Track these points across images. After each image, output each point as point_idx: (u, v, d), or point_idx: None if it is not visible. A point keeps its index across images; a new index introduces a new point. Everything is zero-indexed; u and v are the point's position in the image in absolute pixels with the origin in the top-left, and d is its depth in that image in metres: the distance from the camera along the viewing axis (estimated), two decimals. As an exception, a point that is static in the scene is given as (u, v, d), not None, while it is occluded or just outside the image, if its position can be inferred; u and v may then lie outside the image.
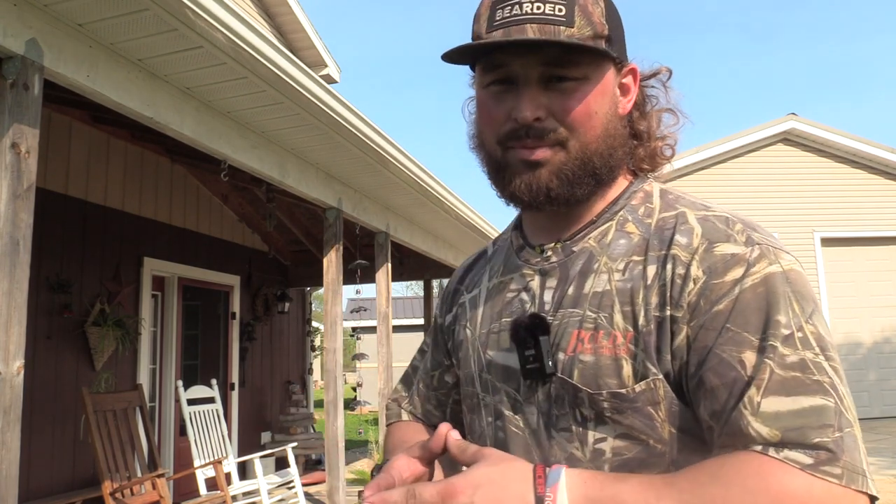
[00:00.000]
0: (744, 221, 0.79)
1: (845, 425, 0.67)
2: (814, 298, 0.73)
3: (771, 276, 0.73)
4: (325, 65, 9.14)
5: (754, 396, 0.68)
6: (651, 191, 0.87)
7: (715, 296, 0.73)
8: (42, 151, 2.58)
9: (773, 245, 0.76)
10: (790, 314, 0.71)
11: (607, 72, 0.82)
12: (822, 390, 0.67)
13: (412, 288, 34.83)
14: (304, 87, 3.55)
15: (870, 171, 11.11)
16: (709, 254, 0.75)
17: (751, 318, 0.71)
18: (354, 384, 16.95)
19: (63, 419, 5.19)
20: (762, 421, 0.67)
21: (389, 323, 5.81)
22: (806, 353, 0.69)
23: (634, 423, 0.75)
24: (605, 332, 0.78)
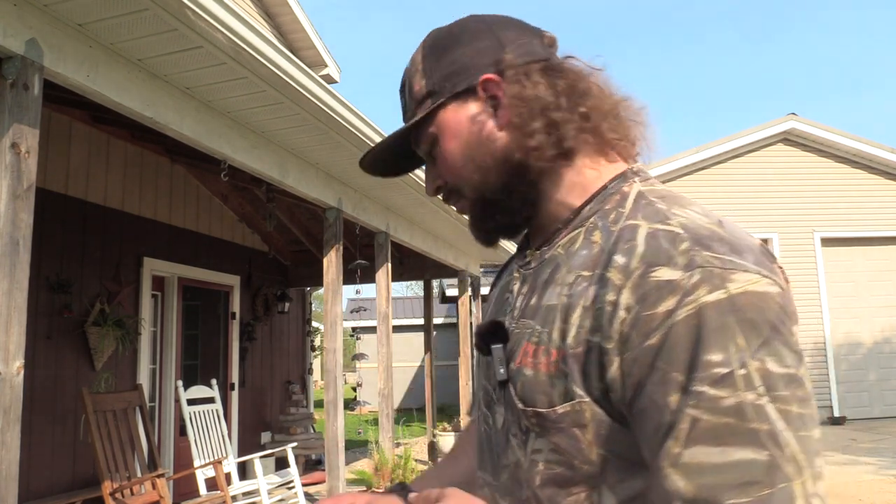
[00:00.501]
0: (697, 237, 0.68)
1: (780, 480, 0.59)
2: (772, 326, 0.63)
3: (708, 305, 0.63)
4: (325, 65, 9.15)
5: (672, 447, 0.62)
6: (628, 192, 0.79)
7: (647, 329, 0.66)
8: (42, 151, 2.60)
9: (723, 266, 0.65)
10: (730, 349, 0.62)
11: (444, 116, 0.86)
12: (755, 441, 0.60)
13: (412, 288, 34.84)
14: (304, 87, 3.55)
15: (870, 171, 11.12)
16: (644, 280, 0.67)
17: (680, 356, 0.63)
18: (354, 384, 16.96)
19: (63, 419, 5.19)
20: (683, 474, 0.61)
21: (389, 323, 5.80)
22: (746, 394, 0.61)
23: (560, 442, 0.73)
24: (544, 349, 0.75)
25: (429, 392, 9.41)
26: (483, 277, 11.79)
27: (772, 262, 0.69)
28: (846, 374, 10.69)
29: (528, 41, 0.85)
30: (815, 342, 10.64)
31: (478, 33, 0.86)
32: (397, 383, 18.94)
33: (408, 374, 19.48)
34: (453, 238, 7.77)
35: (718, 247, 0.67)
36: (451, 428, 8.99)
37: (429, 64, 0.87)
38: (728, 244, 0.68)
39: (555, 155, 0.81)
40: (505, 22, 0.88)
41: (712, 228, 0.70)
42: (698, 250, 0.67)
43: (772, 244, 10.79)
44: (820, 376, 10.57)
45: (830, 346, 10.66)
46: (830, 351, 10.65)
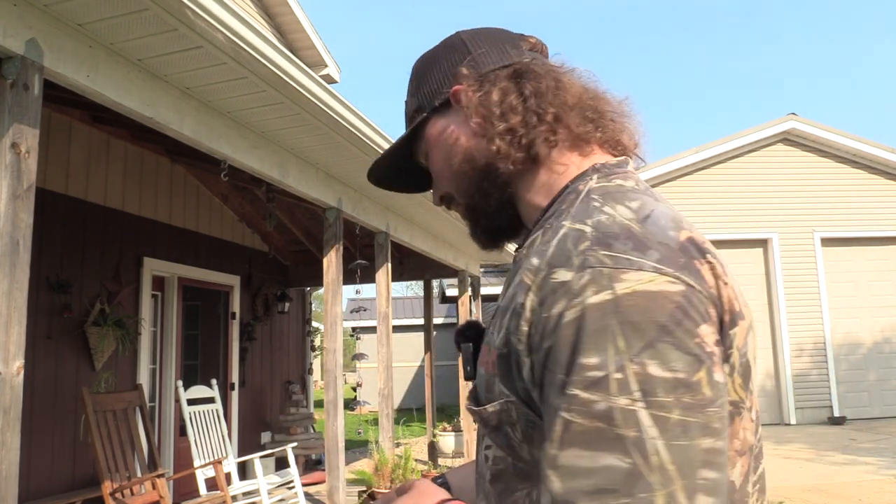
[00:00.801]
0: (602, 235, 0.68)
1: (641, 490, 0.58)
2: (661, 327, 0.61)
3: (591, 307, 0.62)
4: (325, 65, 9.15)
5: (549, 448, 0.63)
6: (582, 190, 0.78)
7: (544, 331, 0.66)
8: (42, 151, 2.60)
9: (617, 265, 0.64)
10: (609, 352, 0.61)
11: (428, 130, 0.92)
12: (620, 448, 0.58)
13: (412, 288, 34.85)
14: (304, 87, 3.55)
15: (870, 171, 11.12)
16: (545, 282, 0.67)
17: (562, 359, 0.63)
18: (354, 384, 16.96)
19: (63, 419, 5.19)
20: (560, 475, 0.61)
21: (389, 323, 5.81)
22: (619, 399, 0.59)
23: (496, 440, 0.75)
24: (489, 349, 0.76)
25: (429, 392, 9.41)
26: (483, 277, 11.79)
27: (691, 258, 0.67)
28: (846, 374, 10.69)
29: (499, 48, 0.89)
30: (815, 342, 10.64)
31: (454, 49, 0.91)
32: (397, 383, 18.94)
33: (408, 374, 19.48)
34: (453, 238, 7.77)
35: (620, 245, 0.66)
36: (451, 428, 8.98)
37: (415, 83, 0.95)
38: (635, 241, 0.66)
39: (523, 158, 0.83)
40: (482, 33, 0.92)
41: (627, 225, 0.68)
42: (595, 250, 0.66)
43: (772, 244, 10.79)
44: (820, 376, 10.58)
45: (830, 346, 10.66)
46: (830, 351, 10.65)
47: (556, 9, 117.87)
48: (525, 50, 0.89)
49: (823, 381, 10.56)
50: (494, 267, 12.57)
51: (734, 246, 10.81)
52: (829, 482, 6.02)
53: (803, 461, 7.10)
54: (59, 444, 5.14)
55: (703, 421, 0.60)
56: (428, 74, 0.92)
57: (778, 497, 5.46)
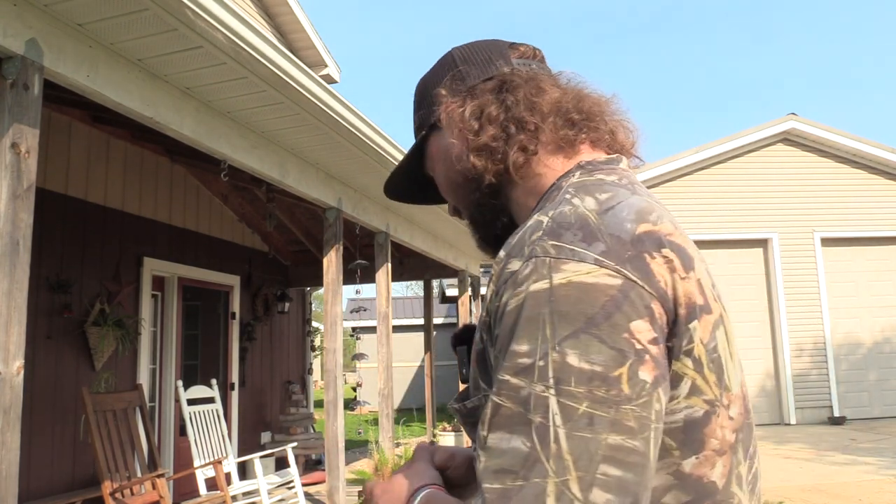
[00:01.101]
0: (555, 226, 0.68)
1: (536, 475, 0.59)
2: (589, 318, 0.61)
3: (529, 295, 0.64)
4: (325, 65, 9.15)
5: (481, 430, 0.65)
6: (563, 186, 0.78)
7: (495, 319, 0.68)
8: (42, 151, 2.60)
9: (559, 255, 0.65)
10: (537, 340, 0.62)
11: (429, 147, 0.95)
12: (526, 432, 0.60)
13: (412, 288, 34.85)
14: (304, 87, 3.55)
15: (870, 171, 11.12)
16: (501, 272, 0.69)
17: (503, 345, 0.65)
18: (354, 384, 16.96)
19: (63, 419, 5.19)
20: (486, 456, 0.63)
21: (389, 323, 5.80)
22: (536, 386, 0.61)
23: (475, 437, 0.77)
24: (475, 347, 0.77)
25: (429, 392, 9.41)
26: (483, 277, 11.79)
27: (640, 252, 0.66)
28: (846, 374, 10.69)
29: (485, 60, 0.90)
30: (815, 342, 10.64)
31: (445, 66, 0.93)
32: (397, 383, 18.93)
33: (408, 374, 19.47)
34: (453, 238, 7.76)
35: (569, 235, 0.66)
36: (451, 428, 8.99)
37: (416, 102, 0.98)
38: (585, 232, 0.66)
39: (503, 169, 0.83)
40: (473, 48, 0.93)
41: (584, 216, 0.68)
42: (544, 240, 0.67)
43: (772, 244, 10.79)
44: (820, 376, 10.57)
45: (830, 346, 10.66)
46: (830, 351, 10.65)
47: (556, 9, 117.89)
48: (513, 59, 0.89)
49: (823, 381, 10.56)
50: (494, 267, 12.56)
51: (734, 246, 10.81)
52: (829, 482, 6.02)
53: (803, 461, 7.10)
54: (59, 444, 5.14)
55: (614, 417, 0.60)
56: (425, 93, 0.95)
57: (778, 497, 5.46)
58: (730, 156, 10.98)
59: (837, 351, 10.73)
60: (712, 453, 0.69)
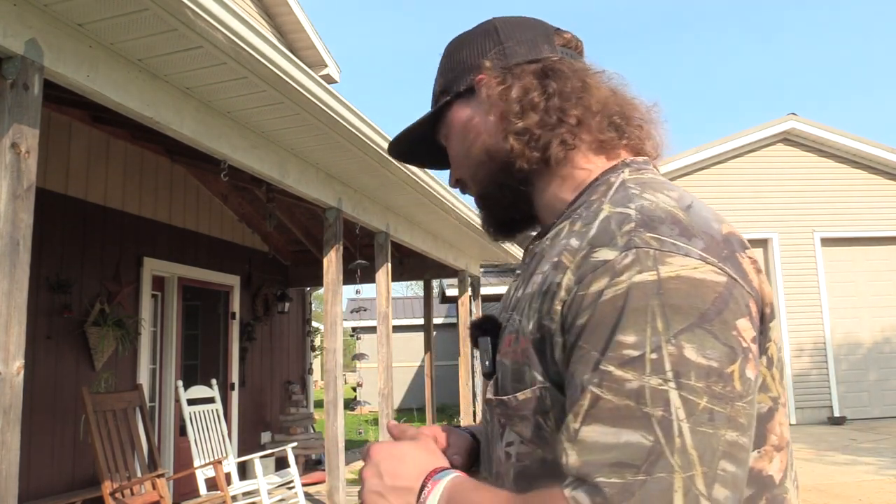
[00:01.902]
0: (647, 219, 0.67)
1: (660, 470, 0.57)
2: (701, 314, 0.61)
3: (634, 286, 0.62)
4: (325, 65, 9.15)
5: (571, 423, 0.62)
6: (614, 182, 0.78)
7: (579, 308, 0.65)
8: (42, 151, 2.60)
9: (663, 248, 0.64)
10: (647, 332, 0.61)
11: (450, 114, 0.91)
12: (646, 426, 0.58)
13: (412, 288, 34.84)
14: (304, 87, 3.54)
15: (870, 171, 11.11)
16: (585, 261, 0.67)
17: (600, 335, 0.63)
18: (354, 384, 16.94)
19: (63, 419, 5.19)
20: (577, 450, 0.61)
21: (389, 323, 5.80)
22: (651, 379, 0.59)
23: (523, 431, 0.74)
24: (515, 337, 0.75)
25: (429, 392, 9.40)
26: (483, 277, 11.78)
27: (733, 251, 0.67)
28: (846, 374, 10.69)
29: (531, 40, 0.86)
30: (815, 342, 10.64)
31: (486, 34, 0.89)
32: (397, 383, 18.92)
33: (408, 374, 19.47)
34: (453, 238, 7.76)
35: (666, 229, 0.66)
36: (451, 428, 8.97)
37: (444, 64, 0.93)
38: (681, 228, 0.66)
39: (538, 158, 0.82)
40: (517, 22, 0.89)
41: (671, 212, 0.68)
42: (641, 231, 0.66)
43: (772, 244, 10.79)
44: (820, 376, 10.57)
45: (830, 346, 10.66)
46: (830, 351, 10.65)
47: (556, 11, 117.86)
48: (558, 46, 0.87)
49: (823, 381, 10.56)
50: (494, 267, 12.56)
51: (734, 246, 10.80)
52: (829, 482, 6.02)
53: (803, 461, 7.10)
54: (59, 444, 5.14)
55: (730, 413, 0.60)
56: (457, 57, 0.91)
57: (778, 497, 5.46)
58: (730, 156, 10.98)
59: (837, 351, 10.73)
60: (771, 448, 0.70)
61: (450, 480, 0.73)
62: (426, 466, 0.75)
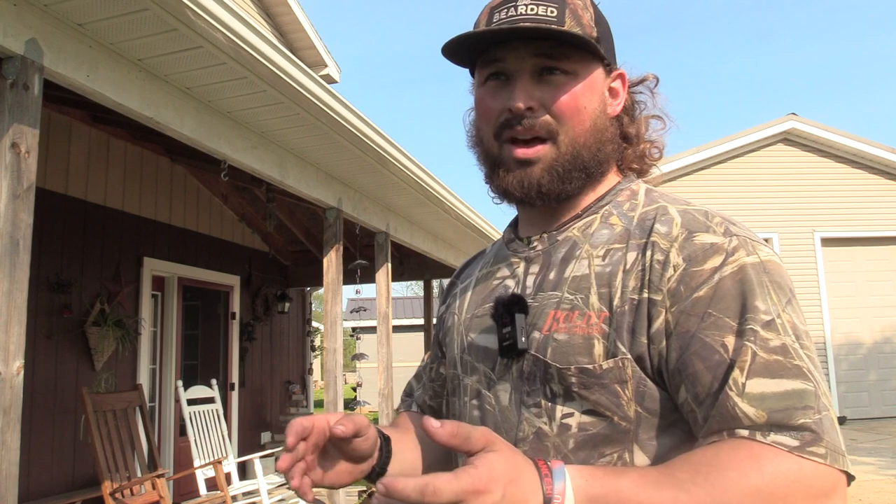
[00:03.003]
0: (722, 216, 0.82)
1: (823, 408, 0.69)
2: (791, 289, 0.76)
3: (749, 265, 0.75)
4: (325, 65, 9.15)
5: (738, 378, 0.70)
6: (637, 189, 0.91)
7: (695, 283, 0.75)
8: (42, 151, 2.60)
9: (751, 238, 0.79)
10: (769, 301, 0.73)
11: (595, 71, 0.87)
12: (802, 374, 0.70)
13: (412, 288, 34.84)
14: (304, 87, 3.55)
15: (870, 171, 11.11)
16: (688, 242, 0.78)
17: (731, 304, 0.73)
18: (354, 384, 16.94)
19: (63, 419, 5.19)
20: (748, 402, 0.69)
21: (389, 323, 5.80)
22: (786, 338, 0.72)
23: (601, 399, 0.77)
24: (580, 313, 0.80)
25: (429, 392, 9.40)
26: (483, 277, 11.78)
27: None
28: (846, 374, 10.68)
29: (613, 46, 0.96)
30: (815, 342, 10.52)
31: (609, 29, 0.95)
32: (397, 383, 18.87)
33: (408, 374, 19.37)
34: (453, 238, 7.76)
35: (740, 225, 0.81)
36: (451, 428, 8.97)
37: (598, 21, 0.88)
38: (740, 224, 0.81)
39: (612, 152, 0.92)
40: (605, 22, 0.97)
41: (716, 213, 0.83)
42: (730, 224, 0.80)
43: (772, 244, 10.79)
44: (820, 376, 10.57)
45: (830, 346, 10.65)
46: (830, 351, 10.65)
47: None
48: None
49: (823, 381, 10.56)
50: (494, 267, 12.55)
51: (734, 246, 10.80)
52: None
53: (803, 461, 7.09)
54: (59, 444, 5.14)
55: (817, 363, 0.74)
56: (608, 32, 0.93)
57: (778, 497, 5.46)
58: (730, 156, 10.97)
59: (837, 351, 10.73)
60: None
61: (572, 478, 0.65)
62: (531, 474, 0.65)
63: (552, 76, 0.84)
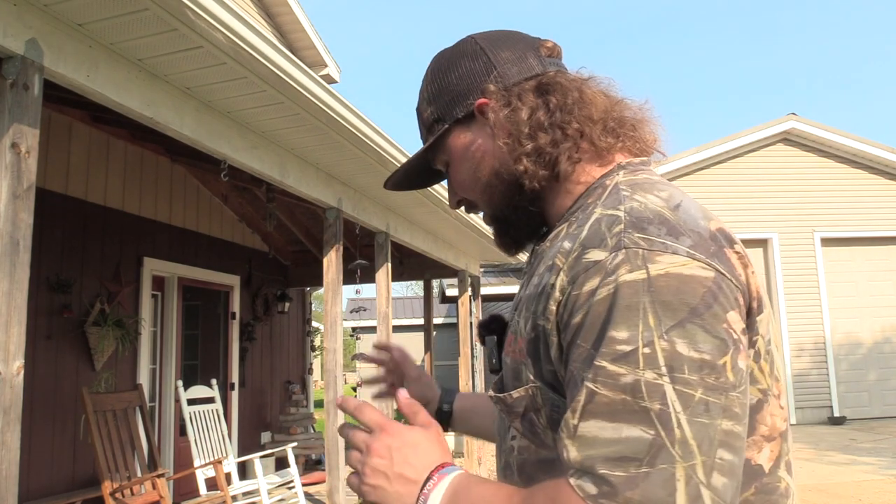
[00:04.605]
0: (636, 220, 0.69)
1: (662, 461, 0.59)
2: (692, 309, 0.63)
3: (624, 284, 0.64)
4: (325, 65, 9.15)
5: (570, 419, 0.64)
6: (609, 185, 0.80)
7: (573, 308, 0.68)
8: (42, 151, 2.60)
9: (652, 247, 0.66)
10: (640, 328, 0.62)
11: (450, 141, 0.91)
12: (646, 420, 0.60)
13: (412, 288, 34.85)
14: (304, 87, 3.54)
15: (870, 171, 11.11)
16: (577, 262, 0.70)
17: (593, 333, 0.65)
18: (354, 384, 16.95)
19: (63, 419, 5.19)
20: (577, 445, 0.63)
21: (389, 323, 5.80)
22: (646, 373, 0.61)
23: (519, 427, 0.78)
24: (514, 337, 0.79)
25: (429, 392, 9.39)
26: (483, 277, 11.78)
27: (721, 246, 0.69)
28: (846, 374, 10.69)
29: (520, 57, 0.87)
30: (815, 342, 10.64)
31: (473, 56, 0.89)
32: (397, 383, 18.82)
33: (408, 374, 19.43)
34: (453, 238, 7.76)
35: (654, 229, 0.68)
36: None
37: (432, 90, 0.92)
38: (668, 227, 0.68)
39: (548, 175, 0.83)
40: (499, 38, 0.90)
41: (659, 212, 0.70)
42: (630, 232, 0.68)
43: (772, 244, 10.79)
44: (820, 376, 10.57)
45: (830, 346, 10.66)
46: (830, 351, 10.65)
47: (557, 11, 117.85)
48: (544, 57, 0.88)
49: (823, 381, 10.56)
50: (494, 267, 12.56)
51: (734, 246, 10.80)
52: (829, 482, 6.02)
53: (803, 461, 7.10)
54: (59, 444, 5.14)
55: (724, 403, 0.62)
56: (446, 82, 0.90)
57: (778, 497, 5.45)
58: (730, 156, 10.98)
59: (837, 351, 10.73)
60: (760, 438, 0.73)
61: (455, 476, 0.74)
62: (434, 460, 0.75)
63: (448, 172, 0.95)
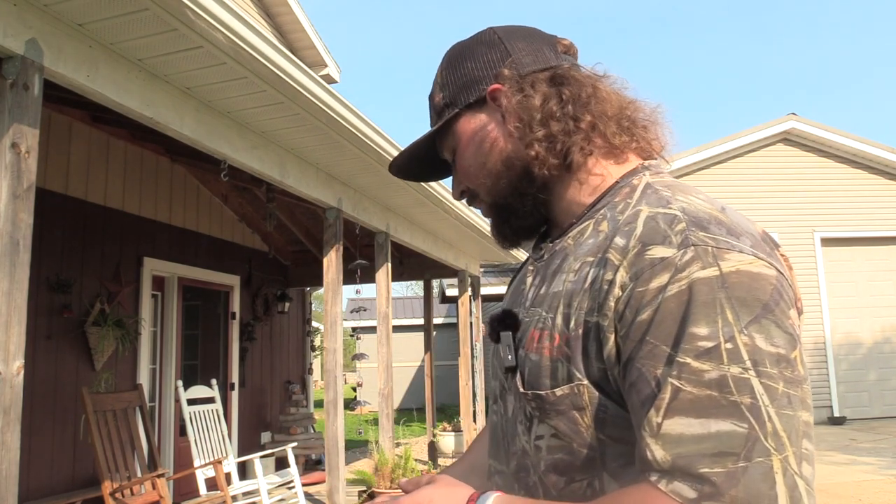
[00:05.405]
0: (695, 219, 0.70)
1: (758, 454, 0.59)
2: (764, 305, 0.64)
3: (699, 281, 0.65)
4: (325, 65, 9.15)
5: (654, 418, 0.63)
6: (637, 185, 0.81)
7: (639, 304, 0.67)
8: (42, 151, 2.60)
9: (719, 245, 0.67)
10: (718, 323, 0.63)
11: (459, 126, 0.91)
12: (737, 413, 0.60)
13: (412, 288, 34.84)
14: (304, 87, 3.54)
15: (870, 171, 11.11)
16: (639, 258, 0.69)
17: (669, 329, 0.65)
18: (354, 384, 16.94)
19: (63, 419, 5.19)
20: (662, 444, 0.62)
21: (389, 323, 5.80)
22: (731, 368, 0.62)
23: (559, 425, 0.76)
24: (548, 333, 0.77)
25: (429, 392, 9.41)
26: (483, 277, 11.78)
27: (772, 248, 0.71)
28: (846, 374, 10.69)
29: (537, 49, 0.88)
30: (815, 342, 10.64)
31: (490, 45, 0.90)
32: (397, 383, 18.90)
33: (408, 374, 19.46)
34: (453, 238, 7.76)
35: (715, 228, 0.69)
36: (450, 428, 8.98)
37: (446, 76, 0.92)
38: (726, 227, 0.70)
39: (558, 164, 0.84)
40: (517, 31, 0.91)
41: (712, 213, 0.71)
42: (694, 230, 0.69)
43: (772, 244, 10.78)
44: (820, 376, 10.57)
45: (830, 346, 10.65)
46: (830, 351, 10.65)
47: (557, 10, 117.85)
48: (560, 53, 0.89)
49: (823, 381, 10.56)
50: (494, 267, 12.56)
51: (734, 246, 10.80)
52: (828, 482, 6.02)
53: (803, 461, 7.09)
54: (59, 444, 5.14)
55: (801, 395, 0.63)
56: (461, 68, 0.91)
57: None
58: (730, 156, 10.98)
59: (837, 351, 10.73)
60: None
61: (495, 499, 0.73)
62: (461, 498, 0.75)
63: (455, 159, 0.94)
